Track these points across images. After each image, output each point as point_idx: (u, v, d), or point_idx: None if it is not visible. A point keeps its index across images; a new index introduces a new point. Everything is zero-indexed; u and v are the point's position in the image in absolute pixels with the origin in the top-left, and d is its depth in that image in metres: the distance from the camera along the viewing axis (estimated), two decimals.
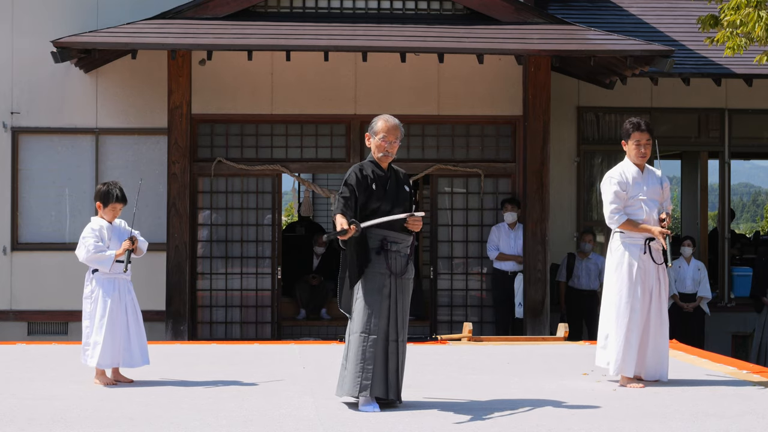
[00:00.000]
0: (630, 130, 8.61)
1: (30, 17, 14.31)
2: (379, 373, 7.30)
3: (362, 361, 7.29)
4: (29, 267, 14.26)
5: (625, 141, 8.67)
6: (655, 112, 15.74)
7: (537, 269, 13.85)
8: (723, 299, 15.98)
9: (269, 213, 14.39)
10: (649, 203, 8.53)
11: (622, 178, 8.56)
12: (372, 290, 7.35)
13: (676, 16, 16.28)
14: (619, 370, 8.42)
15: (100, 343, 8.58)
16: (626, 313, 8.42)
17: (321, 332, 14.78)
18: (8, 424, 6.85)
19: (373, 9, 14.07)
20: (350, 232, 7.20)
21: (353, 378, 7.31)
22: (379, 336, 7.31)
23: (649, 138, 8.61)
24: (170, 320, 13.57)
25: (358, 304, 7.39)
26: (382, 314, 7.33)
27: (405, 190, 7.58)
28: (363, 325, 7.33)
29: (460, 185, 14.55)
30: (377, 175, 7.50)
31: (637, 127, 8.60)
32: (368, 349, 7.29)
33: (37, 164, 14.36)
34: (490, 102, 14.44)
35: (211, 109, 14.20)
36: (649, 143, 8.62)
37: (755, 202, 70.85)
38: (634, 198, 8.53)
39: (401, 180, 7.62)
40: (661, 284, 8.55)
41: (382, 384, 7.32)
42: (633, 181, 8.55)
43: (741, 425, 6.84)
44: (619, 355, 8.40)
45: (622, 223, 8.50)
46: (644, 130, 8.60)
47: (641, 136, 8.59)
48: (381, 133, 7.52)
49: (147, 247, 8.86)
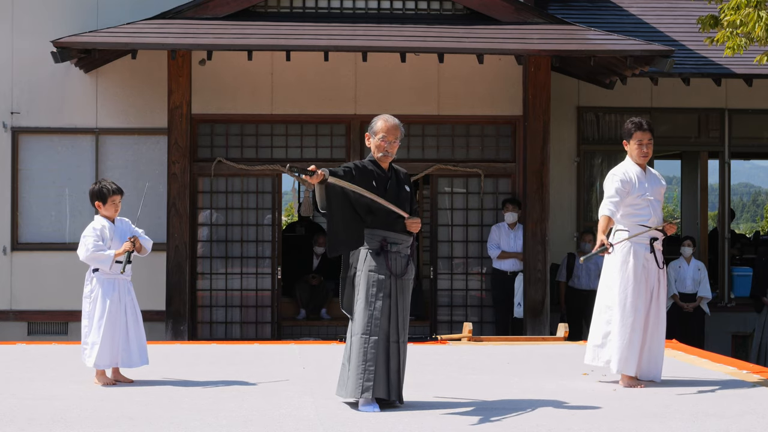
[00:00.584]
0: (632, 130, 8.60)
1: (30, 17, 14.31)
2: (380, 374, 7.29)
3: (364, 363, 7.27)
4: (29, 267, 14.26)
5: (626, 141, 8.65)
6: (655, 112, 15.73)
7: (537, 269, 13.84)
8: (723, 299, 15.98)
9: (269, 213, 14.39)
10: (655, 203, 8.54)
11: (625, 177, 8.53)
12: (373, 291, 7.34)
13: (676, 16, 16.28)
14: (621, 369, 8.40)
15: (98, 344, 8.58)
16: (632, 313, 8.39)
17: (321, 332, 14.78)
18: (8, 424, 6.85)
19: (373, 9, 14.07)
20: (318, 176, 7.03)
21: (356, 380, 7.30)
22: (380, 337, 7.30)
23: (651, 138, 8.60)
24: (170, 320, 13.57)
25: (359, 305, 7.38)
26: (383, 315, 7.33)
27: (405, 190, 7.56)
28: (364, 327, 7.33)
29: (460, 185, 14.55)
30: (378, 174, 7.49)
31: (639, 127, 8.59)
32: (369, 351, 7.28)
33: (37, 164, 14.36)
34: (490, 102, 14.44)
35: (211, 109, 14.20)
36: (651, 143, 8.61)
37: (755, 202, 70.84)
38: (642, 197, 8.50)
39: (402, 180, 7.60)
40: (660, 285, 8.55)
41: (384, 385, 7.31)
42: (637, 181, 8.54)
43: (741, 425, 6.84)
44: (623, 353, 8.38)
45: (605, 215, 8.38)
46: (646, 130, 8.59)
47: (643, 136, 8.58)
48: (381, 133, 7.50)
49: (152, 245, 8.87)
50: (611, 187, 8.51)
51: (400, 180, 7.59)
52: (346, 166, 7.39)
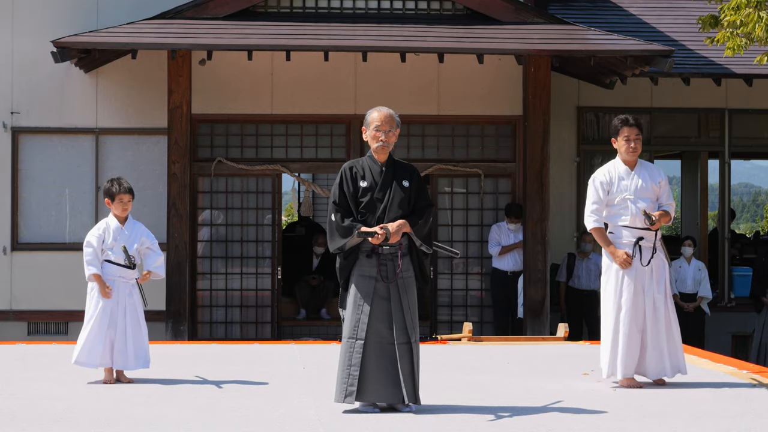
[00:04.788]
0: (618, 126, 8.53)
1: (30, 17, 14.31)
2: (370, 379, 7.13)
3: (348, 367, 7.14)
4: (29, 267, 14.25)
5: (614, 138, 8.57)
6: (655, 112, 15.74)
7: (537, 269, 13.85)
8: (723, 299, 15.98)
9: (269, 213, 14.39)
10: (637, 202, 8.39)
11: (604, 178, 8.47)
12: (361, 295, 7.20)
13: (676, 16, 16.27)
14: (609, 373, 8.37)
15: (81, 342, 8.66)
16: (614, 314, 8.34)
17: (321, 332, 14.77)
18: (8, 424, 6.85)
19: (373, 9, 14.07)
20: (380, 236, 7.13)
21: (339, 384, 7.18)
22: (372, 340, 7.16)
23: (638, 132, 8.48)
24: (170, 320, 13.58)
25: (348, 308, 7.24)
26: (375, 318, 7.19)
27: (403, 185, 7.28)
28: (351, 330, 7.20)
29: (460, 185, 14.55)
30: (371, 169, 7.32)
31: (625, 123, 8.52)
32: (354, 355, 7.13)
33: (37, 164, 14.36)
34: (490, 102, 14.44)
35: (211, 109, 14.20)
36: (639, 138, 8.49)
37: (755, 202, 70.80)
38: (620, 197, 8.42)
39: (400, 174, 7.34)
40: (655, 282, 8.39)
41: (376, 389, 7.15)
42: (618, 180, 8.44)
43: (741, 425, 6.84)
44: (609, 357, 8.35)
45: (593, 228, 8.42)
46: (633, 125, 8.50)
47: (630, 131, 8.49)
48: (374, 123, 7.31)
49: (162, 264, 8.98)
50: (589, 194, 8.49)
51: (399, 174, 7.33)
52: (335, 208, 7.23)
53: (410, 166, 7.49)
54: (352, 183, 7.29)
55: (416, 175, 7.43)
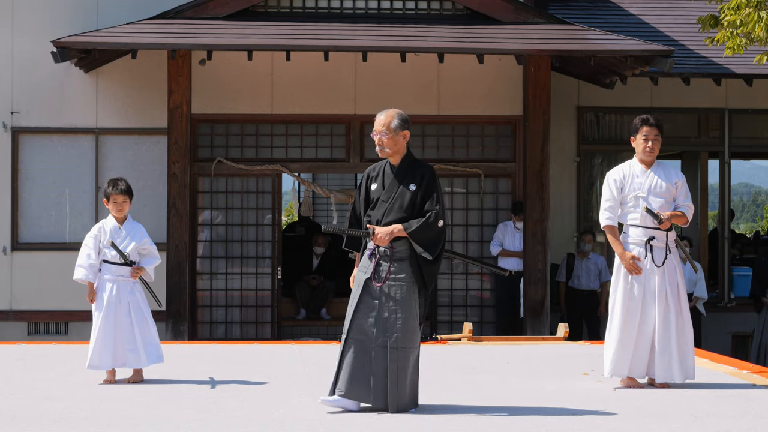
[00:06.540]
0: (638, 125, 8.54)
1: (30, 17, 14.31)
2: (354, 376, 7.14)
3: (338, 362, 7.20)
4: (29, 267, 14.25)
5: (633, 137, 8.58)
6: (655, 112, 15.70)
7: (537, 269, 13.85)
8: (723, 299, 15.97)
9: (269, 213, 14.39)
10: (650, 201, 8.41)
11: (618, 176, 8.50)
12: (354, 291, 7.29)
13: (676, 16, 16.27)
14: (612, 372, 8.36)
15: (92, 346, 8.66)
16: (620, 314, 8.33)
17: (321, 332, 14.78)
18: (8, 424, 6.85)
19: (373, 9, 14.07)
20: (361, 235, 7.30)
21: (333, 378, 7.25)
22: (356, 338, 7.17)
23: (657, 133, 8.49)
24: (170, 320, 13.57)
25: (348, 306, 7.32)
26: (362, 316, 7.19)
27: (409, 188, 7.22)
28: (344, 326, 7.27)
29: (460, 185, 14.55)
30: (384, 172, 7.34)
31: (645, 122, 8.53)
32: (343, 350, 7.18)
33: (37, 164, 14.36)
34: (490, 102, 14.44)
35: (211, 109, 14.20)
36: (658, 138, 8.50)
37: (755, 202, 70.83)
38: (632, 195, 8.44)
39: (410, 177, 7.25)
40: (668, 284, 8.34)
41: (359, 388, 7.14)
42: (633, 178, 8.46)
43: (741, 425, 6.84)
44: (614, 356, 8.34)
45: (605, 225, 8.43)
46: (652, 125, 8.52)
47: (649, 131, 8.50)
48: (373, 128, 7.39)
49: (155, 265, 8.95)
50: (604, 191, 8.51)
51: (408, 177, 7.25)
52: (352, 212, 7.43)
53: (424, 167, 7.35)
54: (365, 185, 7.40)
55: (426, 177, 7.27)
